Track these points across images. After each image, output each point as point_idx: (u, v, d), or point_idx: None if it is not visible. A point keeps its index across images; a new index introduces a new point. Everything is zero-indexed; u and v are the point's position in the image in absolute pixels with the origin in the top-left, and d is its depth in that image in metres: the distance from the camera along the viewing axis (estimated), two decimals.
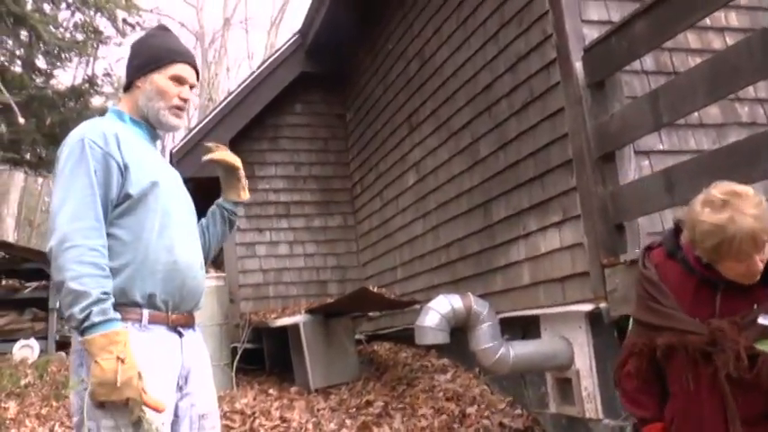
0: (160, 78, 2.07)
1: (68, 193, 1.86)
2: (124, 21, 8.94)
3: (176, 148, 6.88)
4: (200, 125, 6.96)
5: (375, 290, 5.24)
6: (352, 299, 5.14)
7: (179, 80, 2.09)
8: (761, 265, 1.89)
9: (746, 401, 1.93)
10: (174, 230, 2.00)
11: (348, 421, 4.51)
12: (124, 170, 1.93)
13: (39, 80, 8.68)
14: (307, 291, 7.10)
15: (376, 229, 6.76)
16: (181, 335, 1.99)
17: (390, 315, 6.13)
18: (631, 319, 2.24)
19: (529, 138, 4.12)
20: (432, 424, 4.28)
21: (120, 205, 1.92)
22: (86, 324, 1.74)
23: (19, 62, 8.42)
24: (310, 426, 4.50)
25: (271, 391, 5.45)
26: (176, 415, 1.95)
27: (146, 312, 1.89)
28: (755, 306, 1.95)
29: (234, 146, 6.82)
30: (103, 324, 1.75)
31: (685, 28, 3.22)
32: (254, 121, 7.06)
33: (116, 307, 1.82)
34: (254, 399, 5.23)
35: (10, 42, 8.18)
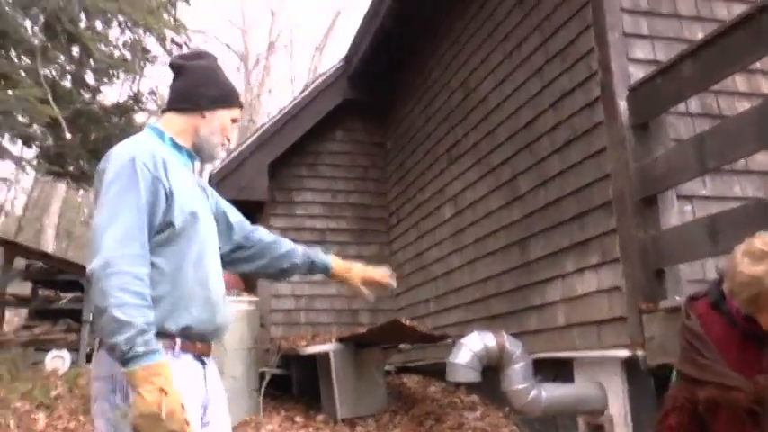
0: (226, 117, 2.13)
1: (116, 214, 1.83)
2: (172, 41, 9.14)
3: (215, 171, 6.94)
4: (241, 148, 7.01)
5: (407, 322, 5.17)
6: (384, 330, 5.09)
7: (234, 122, 2.18)
8: None
9: None
10: (207, 263, 2.00)
11: None
12: (170, 197, 1.92)
13: (86, 96, 8.88)
14: (338, 319, 7.05)
15: (411, 260, 6.72)
16: (204, 364, 1.99)
17: (421, 348, 6.05)
18: (675, 371, 2.17)
19: (570, 176, 4.06)
20: None
21: (160, 233, 1.90)
22: (130, 355, 1.71)
23: (69, 77, 8.64)
24: None
25: (297, 418, 5.40)
26: None
27: (179, 341, 1.89)
28: None
29: (273, 171, 6.91)
30: (147, 356, 1.72)
31: (734, 72, 3.17)
32: (294, 146, 7.10)
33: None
34: (280, 425, 5.20)
35: (62, 58, 8.40)
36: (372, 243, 7.36)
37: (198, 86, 2.12)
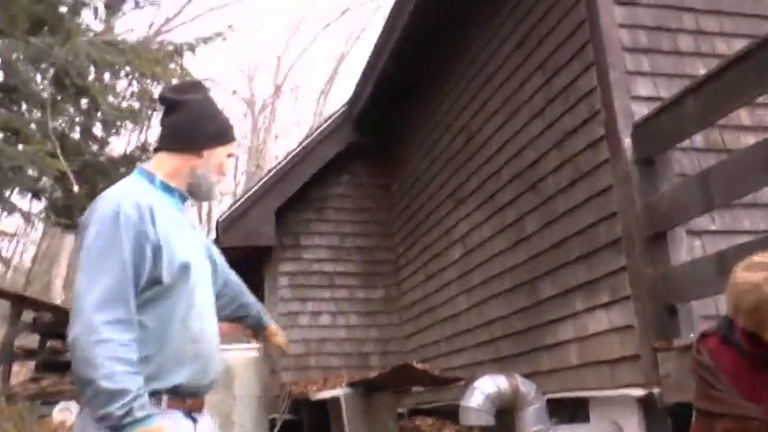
0: (222, 154, 2.03)
1: (98, 274, 1.70)
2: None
3: (222, 217, 6.97)
4: (248, 194, 7.06)
5: (418, 365, 5.12)
6: (395, 373, 5.03)
7: (230, 156, 2.07)
8: None
9: None
10: (199, 316, 1.90)
11: None
12: (157, 251, 1.78)
13: (94, 147, 8.98)
14: (348, 362, 7.00)
15: (419, 302, 6.69)
16: (195, 420, 1.89)
17: (434, 390, 5.98)
18: (694, 409, 2.16)
19: (576, 216, 4.06)
20: None
21: (147, 290, 1.78)
22: (127, 420, 1.63)
23: (77, 129, 8.75)
24: None
25: None
26: None
27: (165, 398, 1.79)
28: None
29: (279, 215, 6.94)
30: (146, 420, 1.65)
31: (737, 106, 3.18)
32: (300, 191, 7.14)
33: None
34: None
35: (71, 110, 8.53)
36: (380, 285, 7.35)
37: (194, 124, 1.99)
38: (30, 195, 8.01)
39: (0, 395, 8.16)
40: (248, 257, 6.94)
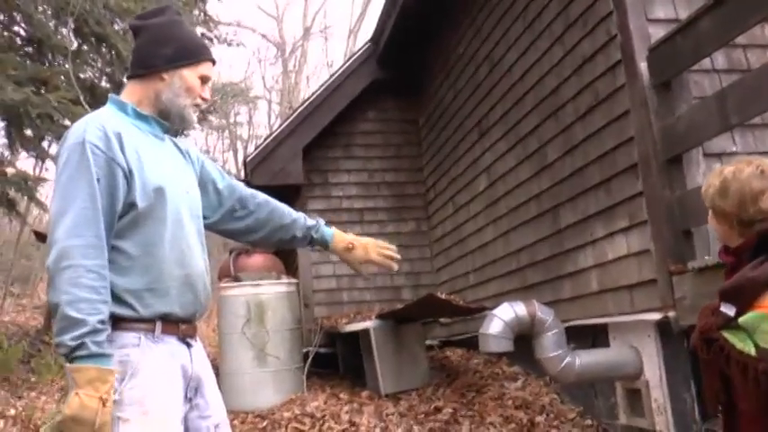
0: (191, 75, 1.96)
1: (67, 203, 1.70)
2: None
3: (250, 157, 7.06)
4: (274, 134, 7.11)
5: (443, 296, 5.21)
6: (419, 305, 5.14)
7: (204, 80, 2.00)
8: (711, 221, 2.07)
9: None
10: (183, 240, 1.88)
11: (416, 427, 4.51)
12: (129, 176, 1.78)
13: None
14: (380, 296, 7.12)
15: (449, 234, 6.74)
16: (189, 345, 1.91)
17: (463, 321, 6.09)
18: None
19: (595, 142, 4.02)
20: None
21: (124, 215, 1.78)
22: (79, 353, 1.61)
23: (105, 78, 8.86)
24: (378, 430, 4.53)
25: (342, 395, 5.51)
26: (186, 427, 1.88)
27: (159, 324, 1.80)
28: None
29: (307, 154, 6.98)
30: (99, 358, 1.62)
31: (756, 23, 3.07)
32: (327, 129, 7.16)
33: (127, 322, 1.75)
34: (325, 402, 5.30)
35: (99, 60, 8.62)
36: (410, 219, 7.40)
37: (152, 47, 1.95)
38: None
39: (45, 331, 8.52)
40: (277, 197, 6.98)
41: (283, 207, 2.27)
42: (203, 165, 2.17)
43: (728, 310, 1.85)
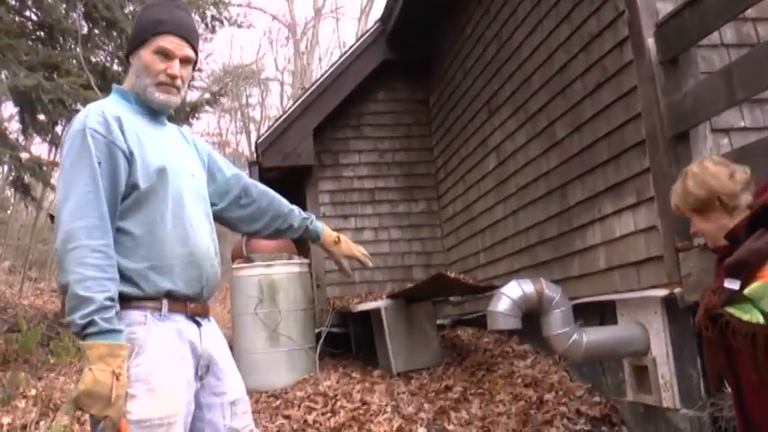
0: (146, 54, 1.96)
1: (70, 188, 1.77)
2: (213, 17, 9.26)
3: (261, 139, 7.08)
4: (285, 115, 7.13)
5: (453, 275, 5.24)
6: (429, 284, 5.17)
7: (165, 54, 1.95)
8: (699, 226, 2.20)
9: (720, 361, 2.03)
10: (186, 220, 1.92)
11: (426, 405, 4.55)
12: (130, 158, 1.83)
13: None
14: (392, 276, 7.16)
15: (459, 213, 6.75)
16: (199, 324, 1.94)
17: (474, 300, 6.12)
18: None
19: (603, 119, 4.01)
20: (509, 410, 4.26)
21: (127, 197, 1.83)
22: (90, 330, 1.66)
23: (117, 61, 8.89)
24: (389, 409, 4.57)
25: (354, 374, 5.57)
26: (199, 405, 1.92)
27: (165, 302, 1.84)
28: None
29: (317, 135, 7.00)
30: (109, 334, 1.67)
31: None
32: (338, 109, 7.17)
33: (133, 301, 1.79)
34: (338, 381, 5.36)
35: (109, 44, 8.65)
36: (421, 199, 7.42)
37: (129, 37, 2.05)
38: None
39: (63, 314, 8.62)
40: (288, 178, 7.07)
41: (280, 198, 2.36)
42: (210, 154, 2.23)
43: (733, 284, 1.90)
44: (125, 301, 1.78)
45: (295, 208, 2.37)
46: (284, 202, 2.35)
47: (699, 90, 3.15)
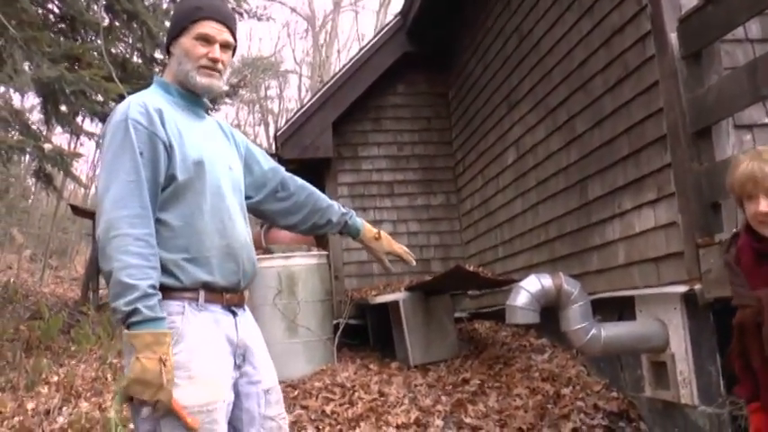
0: (186, 40, 1.98)
1: (113, 177, 1.79)
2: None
3: (280, 132, 7.11)
4: (304, 108, 7.15)
5: (471, 268, 5.25)
6: (448, 277, 5.18)
7: (206, 39, 1.99)
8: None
9: None
10: (224, 212, 1.95)
11: (444, 398, 4.57)
12: (169, 150, 1.86)
13: (156, 70, 9.16)
14: (410, 269, 7.09)
15: (478, 207, 6.75)
16: (235, 314, 1.97)
17: (492, 294, 6.12)
18: None
19: (623, 114, 4.00)
20: (526, 404, 4.27)
21: (166, 189, 1.86)
22: (134, 319, 1.70)
23: (138, 54, 8.96)
24: (406, 401, 4.60)
25: (371, 366, 5.60)
26: (237, 393, 1.95)
27: (202, 292, 1.87)
28: None
29: (337, 127, 7.01)
30: (152, 322, 1.71)
31: None
32: (357, 102, 7.18)
33: (172, 291, 1.82)
34: (355, 373, 5.39)
35: (130, 36, 8.69)
36: (440, 192, 7.42)
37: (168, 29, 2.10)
38: (98, 120, 8.34)
39: (91, 304, 8.73)
40: (307, 170, 7.07)
41: (319, 192, 2.37)
42: (248, 147, 2.25)
43: None
44: (163, 291, 1.81)
45: (334, 203, 2.37)
46: (323, 197, 2.36)
47: (722, 85, 3.13)
